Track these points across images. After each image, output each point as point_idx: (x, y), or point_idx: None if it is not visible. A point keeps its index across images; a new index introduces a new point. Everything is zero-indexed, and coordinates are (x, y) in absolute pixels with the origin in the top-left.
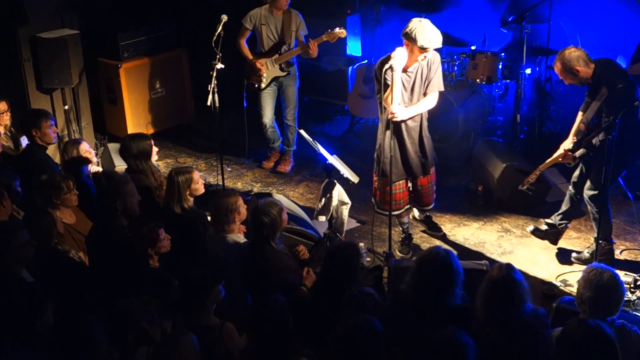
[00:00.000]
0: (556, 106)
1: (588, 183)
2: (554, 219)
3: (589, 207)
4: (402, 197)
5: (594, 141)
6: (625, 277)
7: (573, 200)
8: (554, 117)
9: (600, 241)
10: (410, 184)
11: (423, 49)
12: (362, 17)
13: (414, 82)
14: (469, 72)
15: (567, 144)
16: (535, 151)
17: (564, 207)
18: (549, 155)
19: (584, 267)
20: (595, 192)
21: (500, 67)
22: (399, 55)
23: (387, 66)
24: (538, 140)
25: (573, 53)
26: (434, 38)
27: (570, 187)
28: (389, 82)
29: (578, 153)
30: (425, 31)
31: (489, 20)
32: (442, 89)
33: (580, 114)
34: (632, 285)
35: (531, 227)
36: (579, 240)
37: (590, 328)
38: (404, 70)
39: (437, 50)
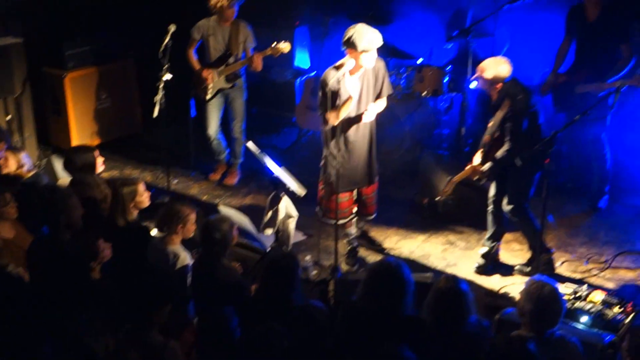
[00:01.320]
0: None
1: (505, 199)
2: (486, 245)
3: (513, 220)
4: (348, 206)
5: (497, 154)
6: (565, 288)
7: (496, 218)
8: None
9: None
10: (355, 194)
11: (365, 51)
12: (310, 29)
13: (361, 89)
14: (415, 85)
15: (476, 158)
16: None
17: (490, 229)
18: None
19: (525, 279)
20: (513, 206)
21: (445, 80)
22: (349, 64)
23: (337, 76)
24: None
25: (508, 72)
26: (372, 38)
27: (490, 207)
28: (344, 92)
29: (485, 167)
30: (363, 35)
31: (435, 33)
32: (391, 91)
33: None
34: (571, 297)
35: (475, 265)
36: (521, 252)
37: (515, 345)
38: (350, 79)
39: (383, 59)
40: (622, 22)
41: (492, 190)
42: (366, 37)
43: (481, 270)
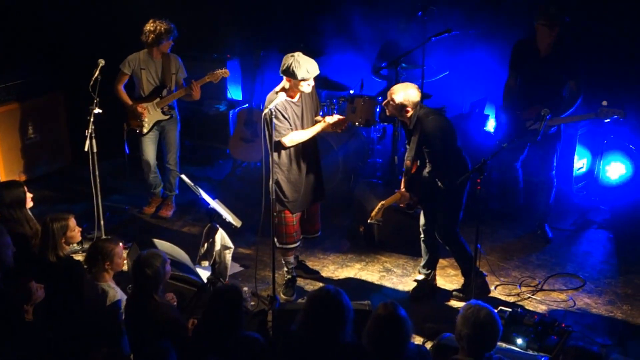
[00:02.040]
0: None
1: (437, 227)
2: (422, 272)
3: (447, 248)
4: (299, 228)
5: (422, 178)
6: (500, 312)
7: (429, 246)
8: None
9: (467, 279)
10: (304, 213)
11: (304, 80)
12: (241, 61)
13: (302, 110)
14: (348, 115)
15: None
16: None
17: (425, 257)
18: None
19: (462, 304)
20: (444, 234)
21: (377, 110)
22: (280, 96)
23: (280, 100)
24: None
25: (417, 97)
26: (310, 67)
27: (422, 235)
28: (286, 117)
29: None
30: (301, 64)
31: (366, 64)
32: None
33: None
34: (507, 320)
35: (411, 292)
36: (457, 277)
37: None
38: (292, 102)
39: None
40: (574, 58)
41: (422, 219)
42: (304, 66)
43: (417, 297)
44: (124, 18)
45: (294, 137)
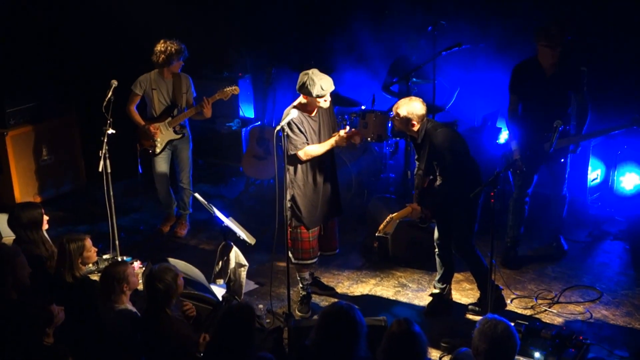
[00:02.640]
0: None
1: (453, 240)
2: (437, 287)
3: (463, 260)
4: (316, 245)
5: (434, 192)
6: (517, 325)
7: (444, 260)
8: None
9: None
10: (322, 230)
11: (320, 97)
12: (253, 79)
13: (319, 126)
14: (360, 131)
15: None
16: None
17: (439, 271)
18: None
19: (479, 318)
20: (460, 247)
21: (389, 125)
22: (292, 113)
23: (298, 115)
24: None
25: (422, 109)
26: (325, 84)
27: (436, 250)
28: (303, 131)
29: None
30: (315, 82)
31: (377, 80)
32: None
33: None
34: (524, 333)
35: (426, 307)
36: (473, 291)
37: None
38: (309, 117)
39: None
40: (578, 72)
41: (436, 233)
42: (318, 83)
43: (433, 311)
44: (135, 38)
45: (309, 151)
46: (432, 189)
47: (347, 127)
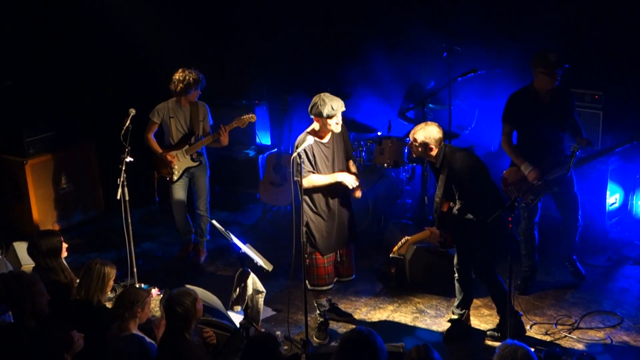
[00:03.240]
0: None
1: (473, 264)
2: (456, 313)
3: (484, 285)
4: (332, 271)
5: (452, 215)
6: (536, 351)
7: (463, 285)
8: None
9: (504, 319)
10: (338, 256)
11: (330, 117)
12: (269, 107)
13: (333, 152)
14: (376, 157)
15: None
16: None
17: (458, 297)
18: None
19: (497, 344)
20: (481, 272)
21: (406, 151)
22: (308, 139)
23: (309, 142)
24: None
25: (438, 133)
26: (335, 104)
27: (456, 275)
28: (317, 155)
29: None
30: (326, 102)
31: (394, 105)
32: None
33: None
34: (543, 359)
35: (444, 333)
36: (491, 317)
37: None
38: (322, 143)
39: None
40: (571, 96)
41: (455, 258)
42: (329, 104)
43: (451, 337)
44: (153, 67)
45: (312, 179)
46: (451, 213)
47: (356, 182)
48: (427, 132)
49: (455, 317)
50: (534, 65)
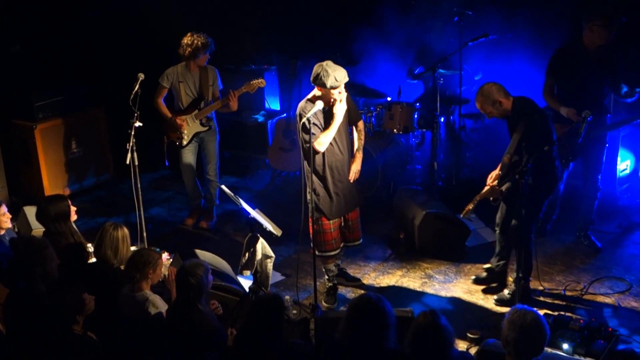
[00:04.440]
0: (471, 153)
1: (513, 221)
2: (492, 262)
3: (515, 244)
4: (338, 236)
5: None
6: (545, 316)
7: (503, 239)
8: (470, 163)
9: (520, 282)
10: (342, 221)
11: (334, 88)
12: (279, 72)
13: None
14: (386, 122)
15: (491, 179)
16: (454, 197)
17: (497, 248)
18: (468, 201)
19: (505, 309)
20: (522, 226)
21: (415, 116)
22: (318, 104)
23: (314, 109)
24: (456, 187)
25: (493, 86)
26: (338, 75)
27: (497, 230)
28: (317, 124)
29: (505, 187)
30: (329, 73)
31: (403, 71)
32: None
33: None
34: (552, 324)
35: (473, 277)
36: (498, 285)
37: None
38: (325, 111)
39: (352, 99)
40: (622, 55)
41: (499, 216)
42: (332, 74)
43: (480, 282)
44: (162, 32)
45: (322, 139)
46: (516, 170)
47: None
48: (482, 90)
49: (489, 265)
50: (588, 18)
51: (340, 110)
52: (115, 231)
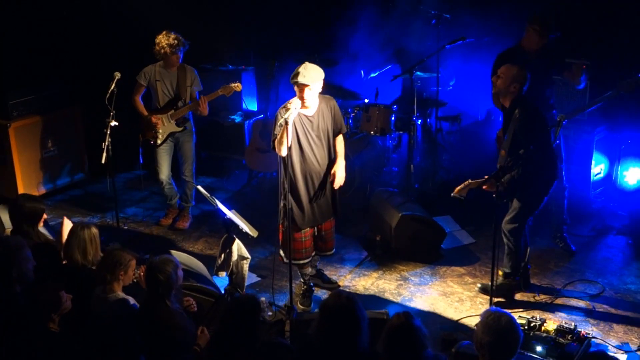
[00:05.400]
0: (448, 155)
1: (507, 216)
2: (505, 264)
3: (504, 239)
4: (310, 244)
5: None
6: (519, 319)
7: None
8: (447, 166)
9: (508, 278)
10: (316, 230)
11: (306, 85)
12: (256, 72)
13: (318, 125)
14: (363, 124)
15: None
16: (430, 200)
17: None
18: (444, 202)
19: (481, 312)
20: (514, 226)
21: (393, 119)
22: (297, 101)
23: (287, 114)
24: (432, 189)
25: (524, 72)
26: (313, 73)
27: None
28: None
29: (506, 178)
30: (300, 70)
31: (381, 73)
32: (345, 130)
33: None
34: (526, 327)
35: (479, 286)
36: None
37: None
38: (305, 115)
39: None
40: (560, 52)
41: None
42: (302, 71)
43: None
44: (139, 31)
45: (276, 143)
46: (513, 165)
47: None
48: (513, 73)
49: (506, 269)
50: (530, 19)
51: (292, 114)
52: (82, 232)
